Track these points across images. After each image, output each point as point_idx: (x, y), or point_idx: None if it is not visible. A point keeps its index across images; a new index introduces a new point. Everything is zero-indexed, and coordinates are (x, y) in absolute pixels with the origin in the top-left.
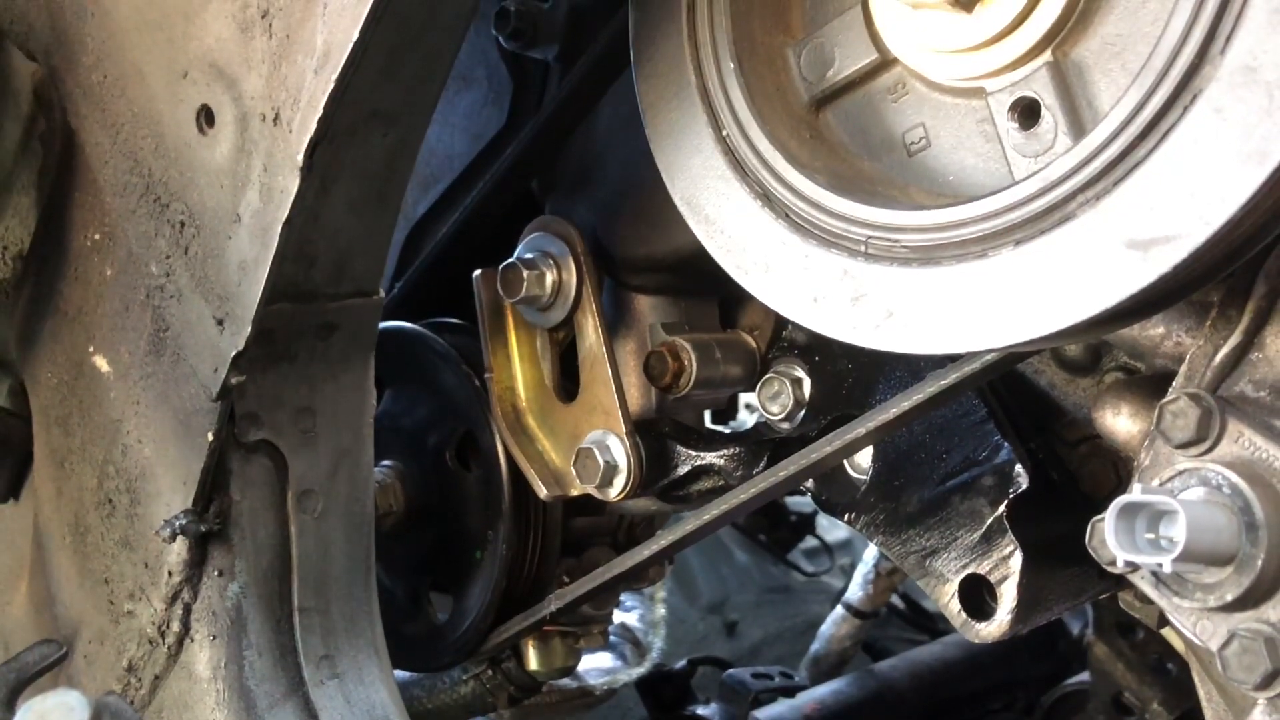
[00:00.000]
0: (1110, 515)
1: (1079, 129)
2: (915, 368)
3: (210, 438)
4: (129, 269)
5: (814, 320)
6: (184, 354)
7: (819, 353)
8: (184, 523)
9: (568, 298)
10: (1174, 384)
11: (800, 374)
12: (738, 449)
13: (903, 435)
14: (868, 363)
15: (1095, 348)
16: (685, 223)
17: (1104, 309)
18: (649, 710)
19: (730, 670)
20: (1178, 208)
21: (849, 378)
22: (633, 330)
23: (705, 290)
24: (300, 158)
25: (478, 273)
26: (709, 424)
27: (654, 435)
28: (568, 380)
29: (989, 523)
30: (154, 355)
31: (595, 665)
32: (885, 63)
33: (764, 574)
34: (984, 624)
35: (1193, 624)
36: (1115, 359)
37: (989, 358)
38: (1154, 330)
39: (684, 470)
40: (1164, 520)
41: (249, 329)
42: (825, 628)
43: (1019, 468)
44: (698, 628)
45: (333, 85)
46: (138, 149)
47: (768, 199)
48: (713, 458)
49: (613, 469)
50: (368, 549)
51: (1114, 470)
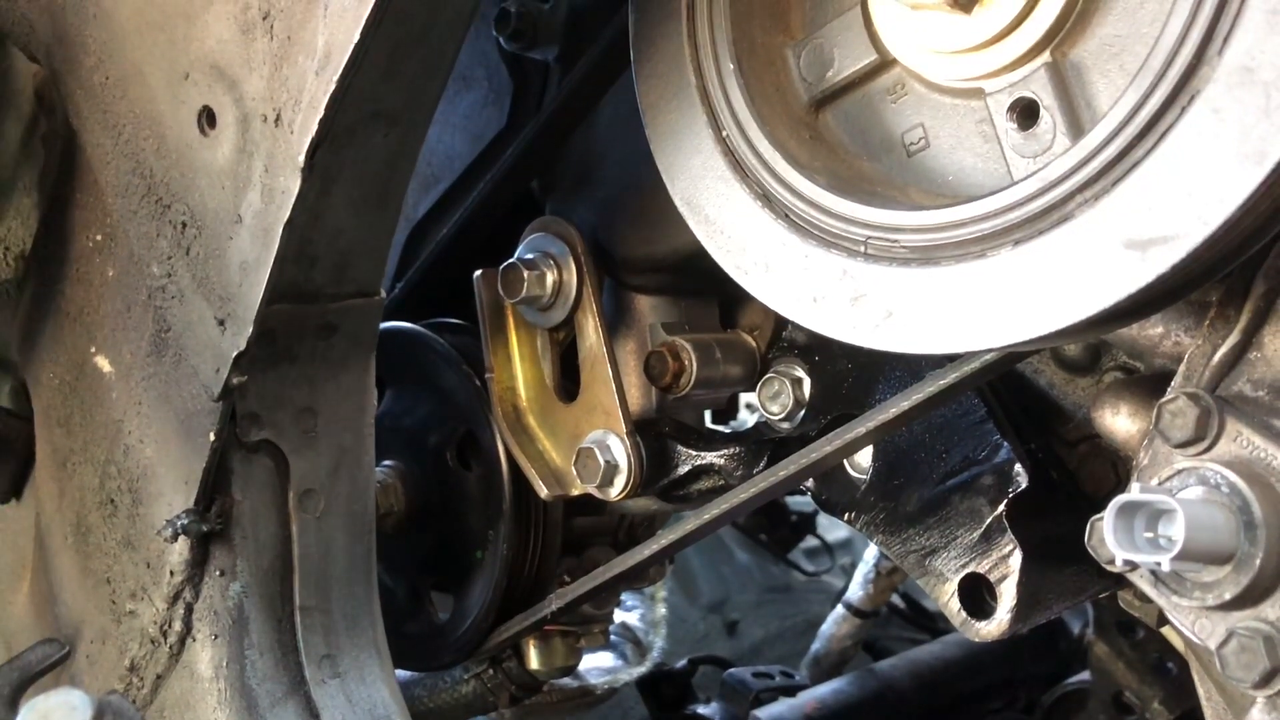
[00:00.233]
0: (1109, 514)
1: (1077, 129)
2: (915, 367)
3: (212, 438)
4: (131, 270)
5: (814, 320)
6: (185, 354)
7: (819, 353)
8: (186, 522)
9: (568, 298)
10: (1173, 383)
11: (800, 374)
12: (738, 449)
13: (902, 435)
14: (867, 362)
15: (1094, 347)
16: (685, 223)
17: (1102, 309)
18: (650, 709)
19: (731, 669)
20: (1176, 208)
21: (849, 377)
22: (633, 330)
23: (705, 290)
24: (301, 158)
25: (478, 273)
26: (709, 424)
27: (654, 435)
28: (568, 380)
29: (988, 522)
30: (156, 356)
31: (596, 664)
32: (884, 63)
33: (764, 573)
34: (984, 623)
35: (1191, 623)
36: (1114, 358)
37: (988, 357)
38: (1153, 330)
39: (684, 470)
40: (1163, 519)
41: (250, 329)
42: (826, 627)
43: (1018, 467)
44: (698, 627)
45: (334, 86)
46: (139, 150)
47: (767, 199)
48: (713, 457)
49: (613, 469)
50: (369, 548)
51: (1113, 469)
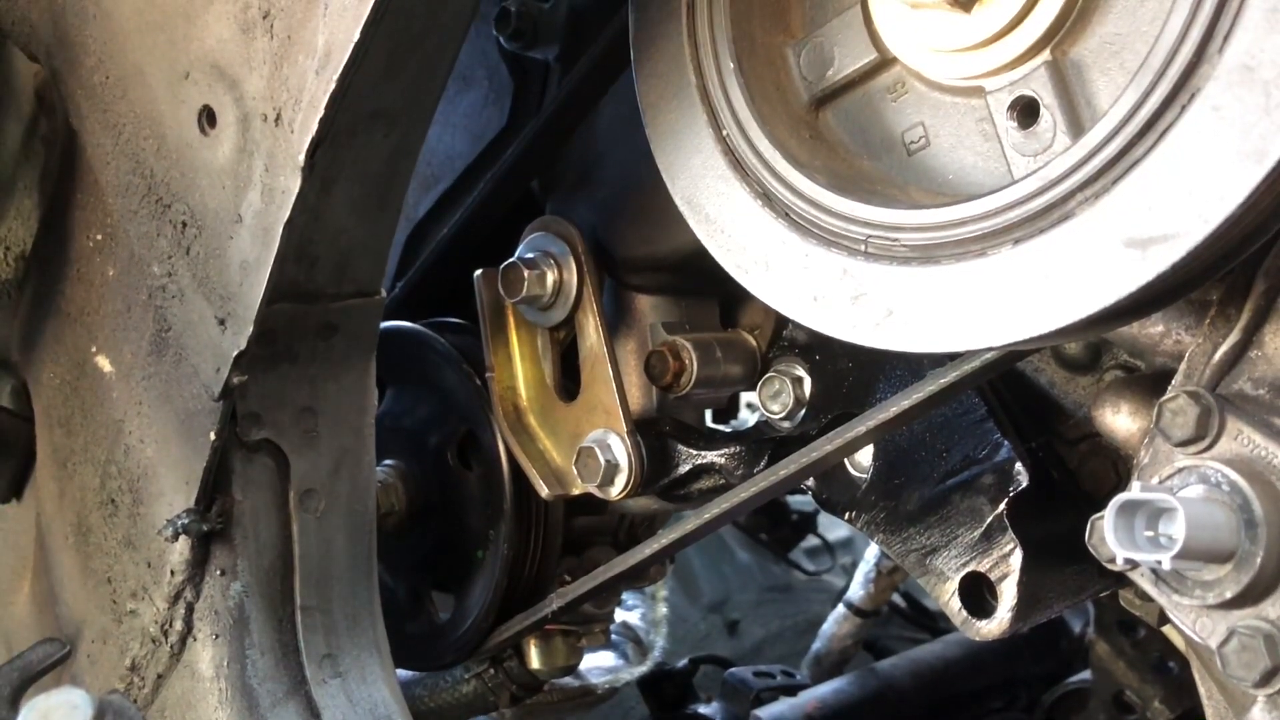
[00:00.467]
0: (1110, 513)
1: (1078, 128)
2: (915, 366)
3: (212, 437)
4: (131, 269)
5: (814, 319)
6: (186, 354)
7: (819, 351)
8: (186, 522)
9: (568, 297)
10: (1173, 382)
11: (801, 373)
12: (738, 448)
13: (903, 434)
14: (868, 361)
15: (1095, 346)
16: (685, 222)
17: (1103, 307)
18: (651, 709)
19: (732, 669)
20: (1176, 206)
21: (849, 376)
22: (633, 330)
23: (706, 289)
24: (302, 158)
25: (479, 273)
26: (710, 423)
27: (655, 434)
28: (569, 380)
29: (989, 521)
30: (156, 355)
31: (597, 664)
32: (884, 62)
33: (765, 573)
34: (984, 622)
35: (1192, 621)
36: (1115, 357)
37: (989, 356)
38: (1153, 328)
39: (685, 469)
40: (1163, 518)
41: (251, 329)
42: (827, 626)
43: (1019, 466)
44: (699, 626)
45: (334, 86)
46: (139, 150)
47: (768, 198)
48: (713, 456)
49: (614, 468)
50: (369, 548)
51: (1114, 468)
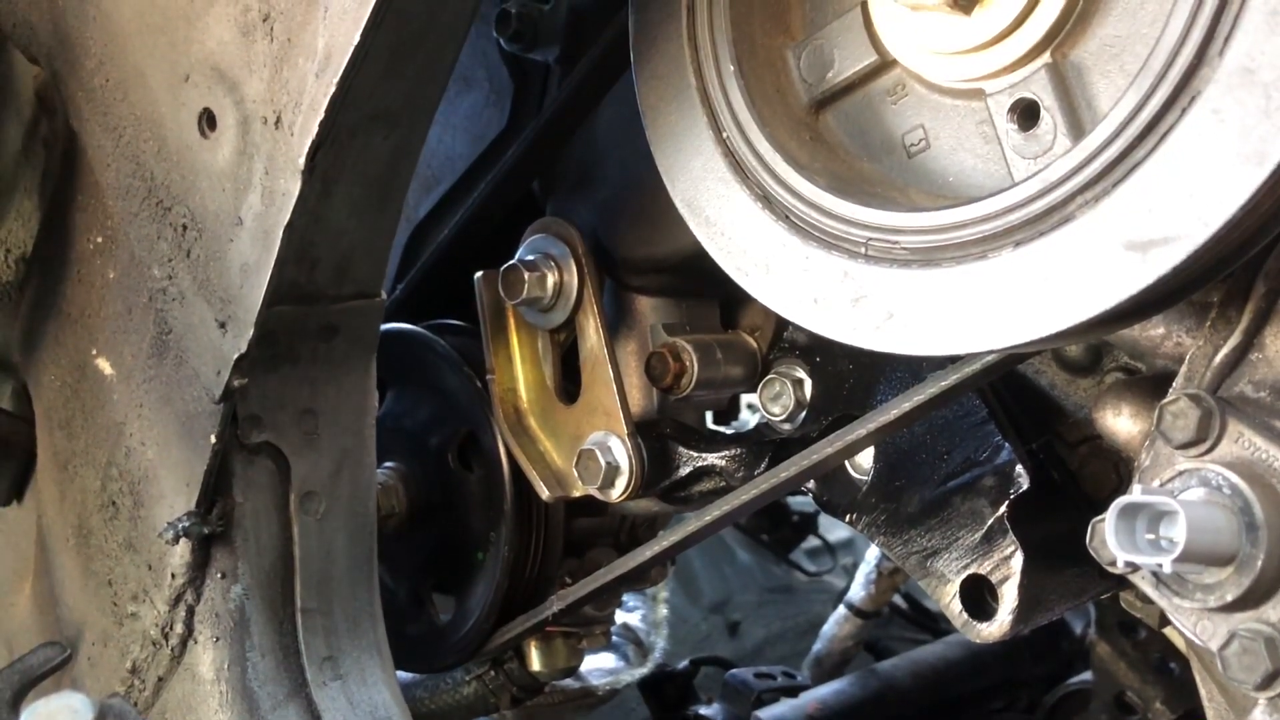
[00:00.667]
0: (1111, 516)
1: (1078, 130)
2: (916, 369)
3: (213, 440)
4: (131, 272)
5: (814, 321)
6: (186, 356)
7: (820, 354)
8: (187, 525)
9: (569, 299)
10: (1174, 384)
11: (801, 375)
12: (739, 450)
13: (904, 436)
14: (869, 364)
15: (1096, 348)
16: (686, 224)
17: (1103, 310)
18: (651, 710)
19: (733, 670)
20: (1176, 209)
21: (850, 378)
22: (634, 331)
23: (706, 291)
24: (302, 160)
25: (479, 274)
26: (710, 425)
27: (655, 436)
28: (569, 381)
29: (990, 523)
30: (156, 358)
31: (598, 666)
32: (885, 64)
33: (766, 574)
34: (985, 624)
35: (1193, 624)
36: (1116, 359)
37: (989, 359)
38: (1154, 331)
39: (686, 471)
40: (1164, 521)
41: (251, 331)
42: (827, 627)
43: (1020, 468)
44: (700, 628)
45: (334, 88)
46: (140, 152)
47: (768, 201)
48: (714, 458)
49: (614, 470)
50: (370, 550)
51: (1115, 471)
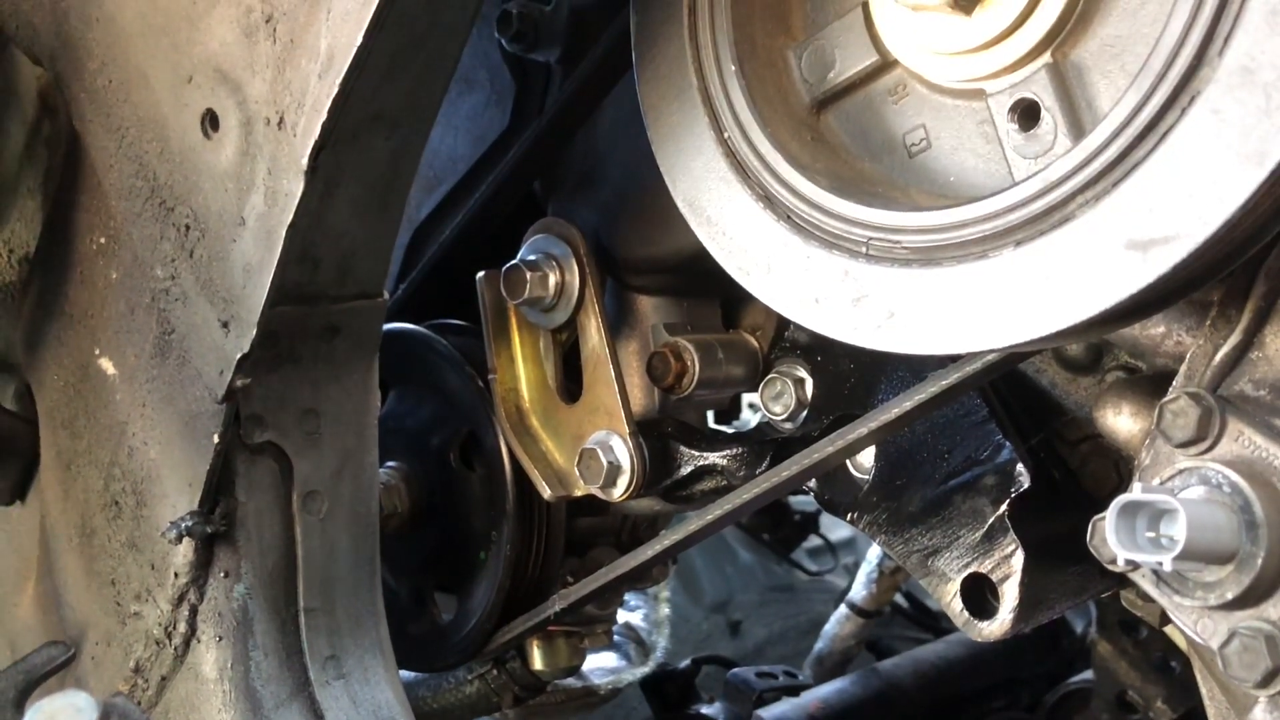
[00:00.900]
0: (1111, 514)
1: (1079, 130)
2: (917, 368)
3: (215, 440)
4: (134, 272)
5: (815, 321)
6: (189, 356)
7: (821, 353)
8: (190, 524)
9: (570, 299)
10: (1174, 383)
11: (802, 374)
12: (741, 449)
13: (905, 435)
14: (870, 363)
15: (1096, 347)
16: (687, 224)
17: (1104, 309)
18: (653, 709)
19: (734, 669)
20: (1177, 208)
21: (851, 378)
22: (635, 331)
23: (707, 291)
24: (304, 161)
25: (481, 274)
26: (712, 424)
27: (657, 435)
28: (571, 381)
29: (991, 522)
30: (159, 358)
31: (599, 665)
32: (886, 64)
33: (768, 573)
34: (986, 623)
35: (1193, 622)
36: (1116, 358)
37: (990, 358)
38: (1154, 329)
39: (687, 470)
40: (1164, 519)
41: (254, 331)
42: (829, 627)
43: (1020, 467)
44: (702, 627)
45: (336, 89)
46: (143, 153)
47: (769, 200)
48: (716, 458)
49: (616, 469)
50: (373, 549)
51: (1115, 469)
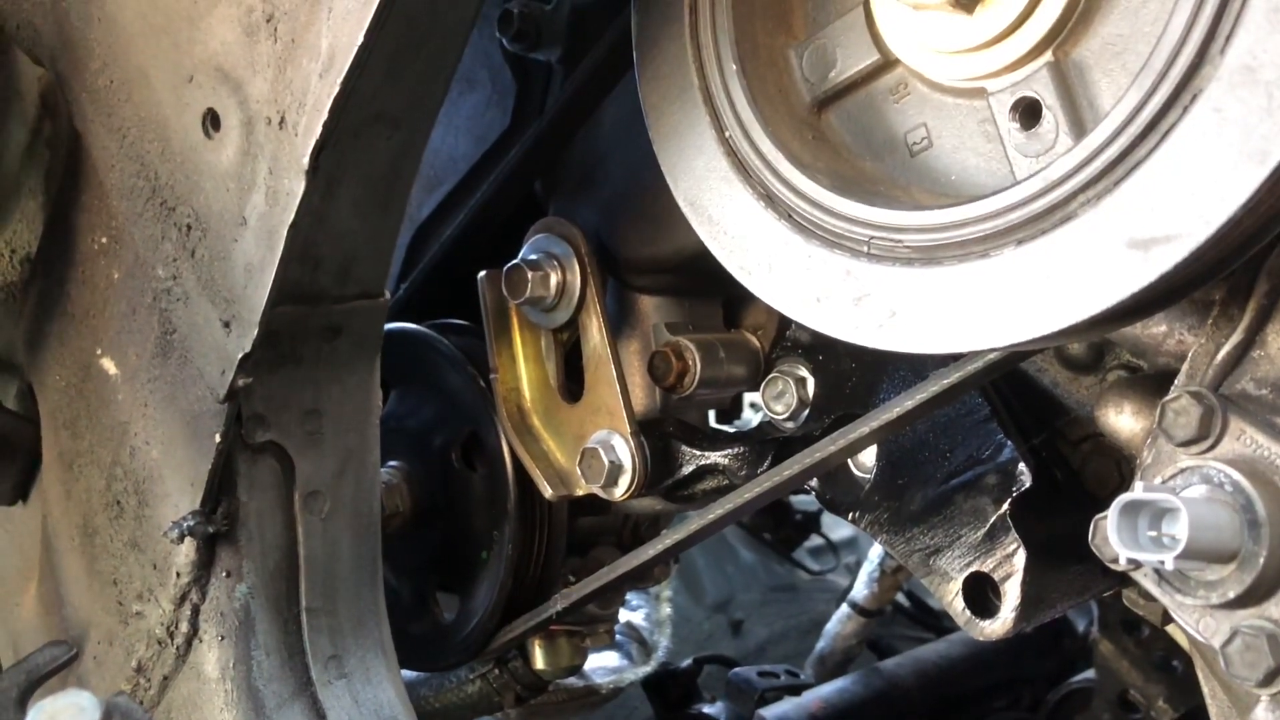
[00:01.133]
0: (1113, 513)
1: (1080, 129)
2: (918, 367)
3: (217, 439)
4: (136, 272)
5: (817, 320)
6: (191, 356)
7: (823, 352)
8: (192, 524)
9: (572, 298)
10: (1176, 382)
11: (804, 373)
12: (742, 448)
13: (906, 434)
14: (871, 362)
15: (1098, 346)
16: (688, 224)
17: (1106, 308)
18: (655, 709)
19: (736, 669)
20: (1178, 207)
21: (853, 377)
22: (637, 330)
23: (709, 290)
24: (306, 161)
25: (482, 274)
26: (713, 423)
27: (658, 435)
28: (572, 381)
29: (992, 521)
30: (161, 358)
31: (601, 664)
32: (887, 63)
33: (769, 572)
34: (988, 622)
35: (1195, 621)
36: (1118, 357)
37: (992, 357)
38: (1156, 328)
39: (689, 470)
40: (1166, 518)
41: (255, 331)
42: (830, 626)
43: (1022, 466)
44: (703, 626)
45: (337, 89)
46: (144, 153)
47: (770, 200)
48: (717, 457)
49: (618, 469)
50: (374, 549)
51: (1117, 468)
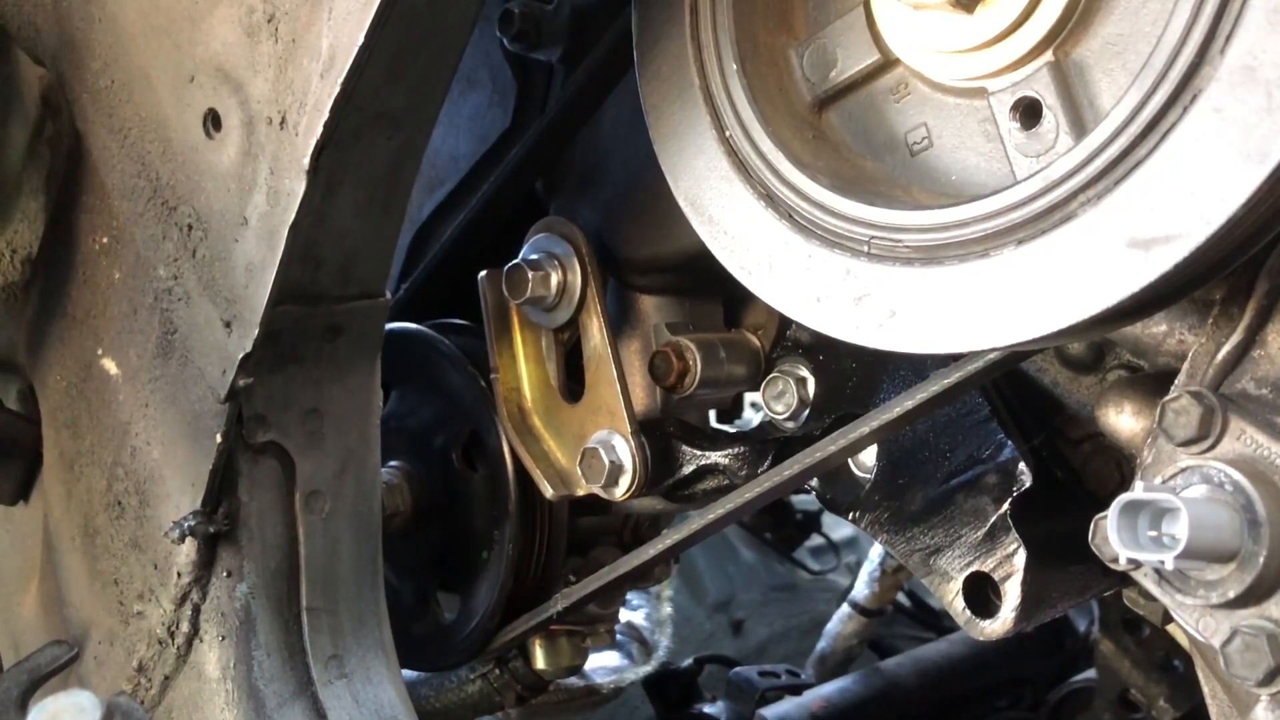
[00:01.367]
0: (1113, 513)
1: (1080, 128)
2: (919, 367)
3: (218, 439)
4: (137, 272)
5: (817, 320)
6: (192, 356)
7: (823, 352)
8: (193, 524)
9: (572, 298)
10: (1176, 382)
11: (804, 373)
12: (743, 448)
13: (907, 434)
14: (872, 362)
15: (1098, 346)
16: (689, 223)
17: (1106, 308)
18: (656, 709)
19: (737, 668)
20: (1178, 207)
21: (853, 377)
22: (637, 330)
23: (709, 290)
24: (306, 161)
25: (483, 274)
26: (714, 423)
27: (659, 435)
28: (573, 381)
29: (993, 521)
30: (162, 358)
31: (602, 664)
32: (887, 63)
33: (770, 572)
34: (988, 621)
35: (1195, 621)
36: (1118, 357)
37: (992, 356)
38: (1156, 328)
39: (689, 469)
40: (1166, 518)
41: (256, 331)
42: (831, 626)
43: (1022, 466)
44: (704, 626)
45: (338, 89)
46: (145, 153)
47: (771, 199)
48: (718, 457)
49: (618, 469)
50: (375, 549)
51: (1117, 468)
